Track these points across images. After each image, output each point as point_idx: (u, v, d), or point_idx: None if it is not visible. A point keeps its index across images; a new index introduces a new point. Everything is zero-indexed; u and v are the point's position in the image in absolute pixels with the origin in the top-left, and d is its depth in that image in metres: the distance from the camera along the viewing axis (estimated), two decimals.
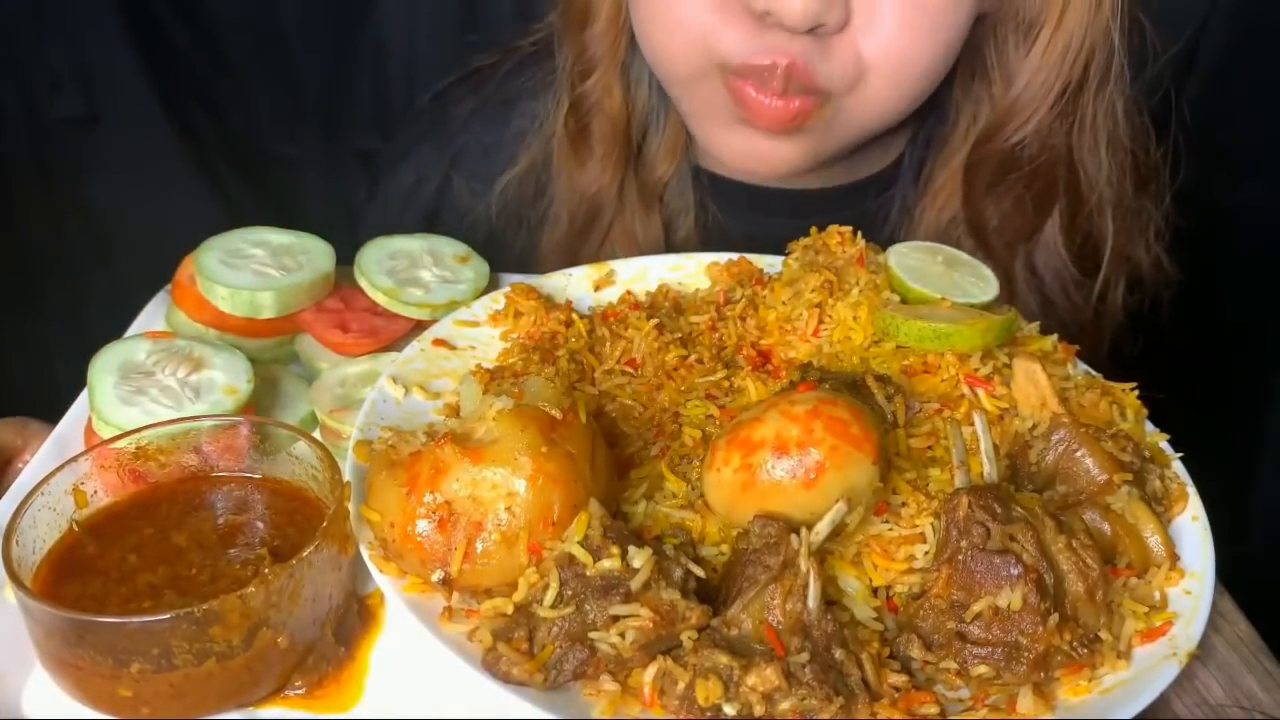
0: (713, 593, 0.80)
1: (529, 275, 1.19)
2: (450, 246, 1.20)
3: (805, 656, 0.73)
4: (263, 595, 0.73)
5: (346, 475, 0.85)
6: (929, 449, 0.93)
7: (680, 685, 0.73)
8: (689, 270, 1.20)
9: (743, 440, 0.83)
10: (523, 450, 0.79)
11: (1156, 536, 0.86)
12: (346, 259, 1.15)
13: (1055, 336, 1.03)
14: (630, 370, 1.04)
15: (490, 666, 0.74)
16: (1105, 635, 0.78)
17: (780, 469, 0.81)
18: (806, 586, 0.76)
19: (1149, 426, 0.98)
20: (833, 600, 0.81)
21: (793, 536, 0.79)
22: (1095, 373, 1.03)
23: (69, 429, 1.00)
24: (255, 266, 1.10)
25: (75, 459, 0.83)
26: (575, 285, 1.18)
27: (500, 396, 0.84)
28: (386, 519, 0.81)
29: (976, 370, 0.97)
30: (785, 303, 1.07)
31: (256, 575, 0.75)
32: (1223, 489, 0.98)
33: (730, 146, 1.29)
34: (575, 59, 1.37)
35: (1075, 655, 0.76)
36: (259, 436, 0.88)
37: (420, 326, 1.10)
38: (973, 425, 0.90)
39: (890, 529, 0.86)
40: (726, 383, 1.01)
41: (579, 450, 0.82)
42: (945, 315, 0.99)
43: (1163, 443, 0.97)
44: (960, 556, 0.79)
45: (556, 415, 0.82)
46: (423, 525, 0.79)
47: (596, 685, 0.75)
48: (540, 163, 1.44)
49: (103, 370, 0.97)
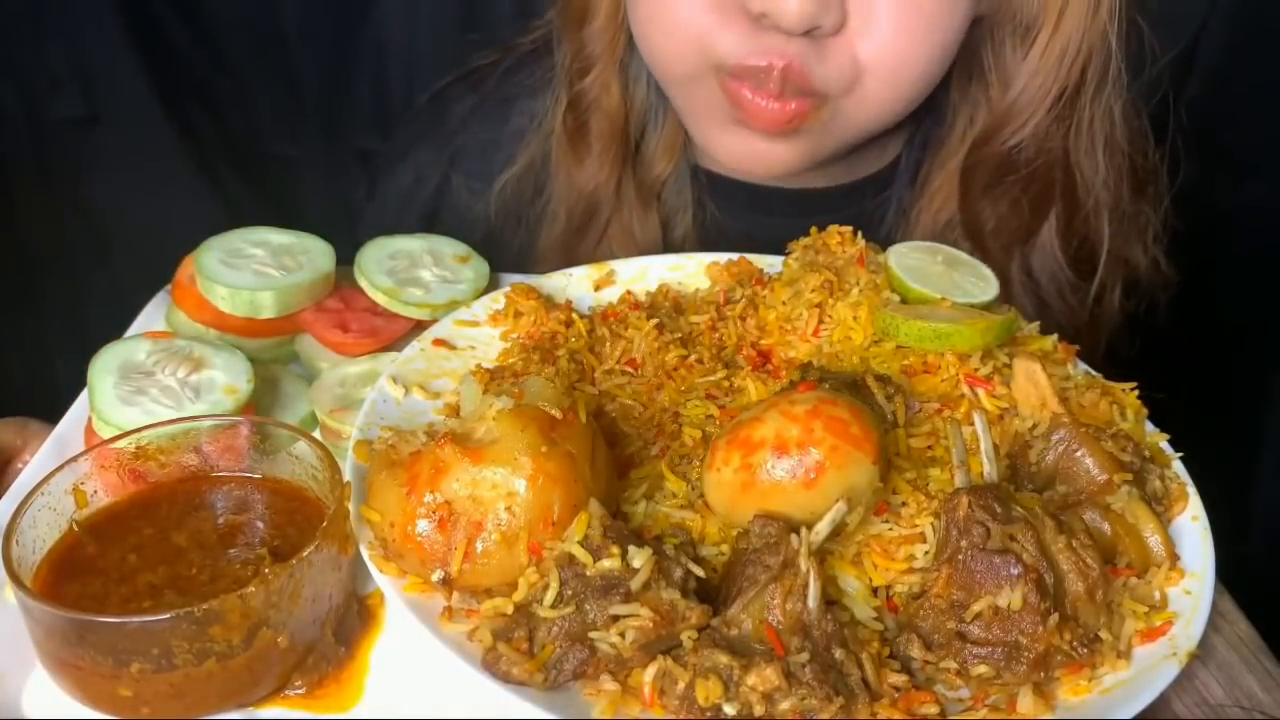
0: (713, 593, 0.80)
1: (529, 275, 1.19)
2: (450, 246, 1.20)
3: (805, 656, 0.73)
4: (263, 595, 0.73)
5: (346, 475, 0.85)
6: (929, 449, 0.93)
7: (680, 685, 0.73)
8: (689, 270, 1.20)
9: (743, 440, 0.83)
10: (523, 450, 0.79)
11: (1156, 536, 0.86)
12: (346, 259, 1.15)
13: (1055, 336, 1.03)
14: (630, 370, 1.04)
15: (490, 666, 0.74)
16: (1105, 635, 0.78)
17: (780, 469, 0.81)
18: (806, 586, 0.76)
19: (1149, 426, 0.98)
20: (833, 600, 0.81)
21: (793, 536, 0.79)
22: (1095, 373, 1.03)
23: (69, 429, 1.00)
24: (255, 266, 1.10)
25: (75, 459, 0.83)
26: (575, 285, 1.18)
27: (500, 396, 0.84)
28: (386, 519, 0.81)
29: (976, 370, 0.97)
30: (785, 303, 1.07)
31: (256, 575, 0.75)
32: (1223, 489, 0.98)
33: (726, 147, 1.29)
34: (574, 56, 1.36)
35: (1075, 655, 0.76)
36: (259, 436, 0.88)
37: (420, 326, 1.10)
38: (973, 425, 0.91)
39: (890, 529, 0.86)
40: (726, 383, 1.01)
41: (579, 450, 0.82)
42: (945, 315, 0.99)
43: (1163, 443, 0.97)
44: (960, 556, 0.79)
45: (556, 415, 0.82)
46: (423, 525, 0.79)
47: (596, 685, 0.75)
48: (539, 161, 1.44)
49: (103, 370, 0.97)
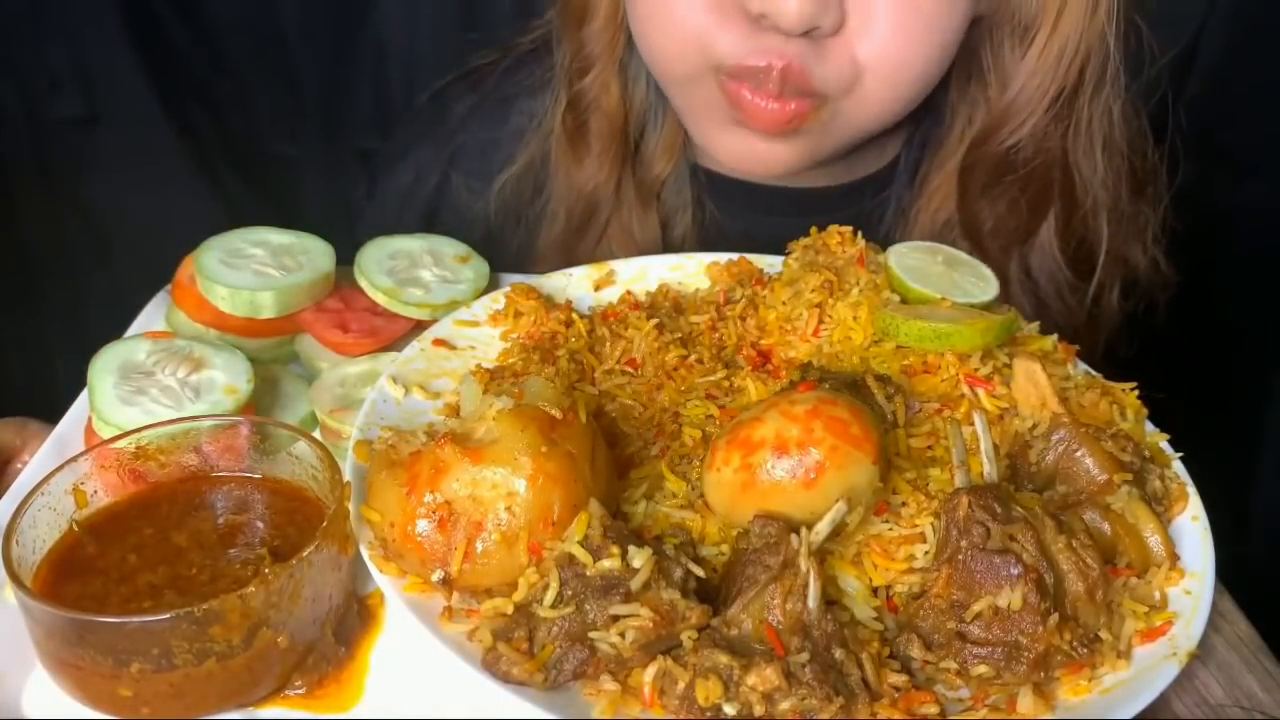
0: (713, 593, 0.80)
1: (529, 275, 1.19)
2: (450, 246, 1.20)
3: (805, 656, 0.73)
4: (263, 595, 0.73)
5: (346, 475, 0.85)
6: (929, 449, 0.93)
7: (680, 685, 0.73)
8: (689, 270, 1.20)
9: (743, 440, 0.83)
10: (523, 450, 0.79)
11: (1156, 536, 0.86)
12: (346, 259, 1.15)
13: (1055, 336, 1.03)
14: (630, 370, 1.04)
15: (490, 666, 0.74)
16: (1105, 635, 0.78)
17: (780, 469, 0.81)
18: (806, 586, 0.76)
19: (1149, 426, 0.98)
20: (833, 600, 0.81)
21: (793, 536, 0.79)
22: (1095, 373, 1.03)
23: (69, 429, 1.00)
24: (255, 266, 1.10)
25: (75, 459, 0.83)
26: (575, 285, 1.18)
27: (500, 396, 0.84)
28: (386, 519, 0.81)
29: (976, 370, 0.97)
30: (785, 303, 1.07)
31: (256, 575, 0.75)
32: (1223, 489, 0.98)
33: (726, 147, 1.29)
34: (573, 56, 1.36)
35: (1075, 655, 0.76)
36: (259, 436, 0.88)
37: (420, 326, 1.10)
38: (973, 425, 0.90)
39: (890, 529, 0.86)
40: (726, 383, 1.01)
41: (579, 450, 0.82)
42: (945, 315, 0.99)
43: (1163, 443, 0.97)
44: (960, 556, 0.79)
45: (556, 415, 0.82)
46: (423, 525, 0.79)
47: (596, 685, 0.75)
48: (538, 161, 1.44)
49: (103, 370, 0.97)
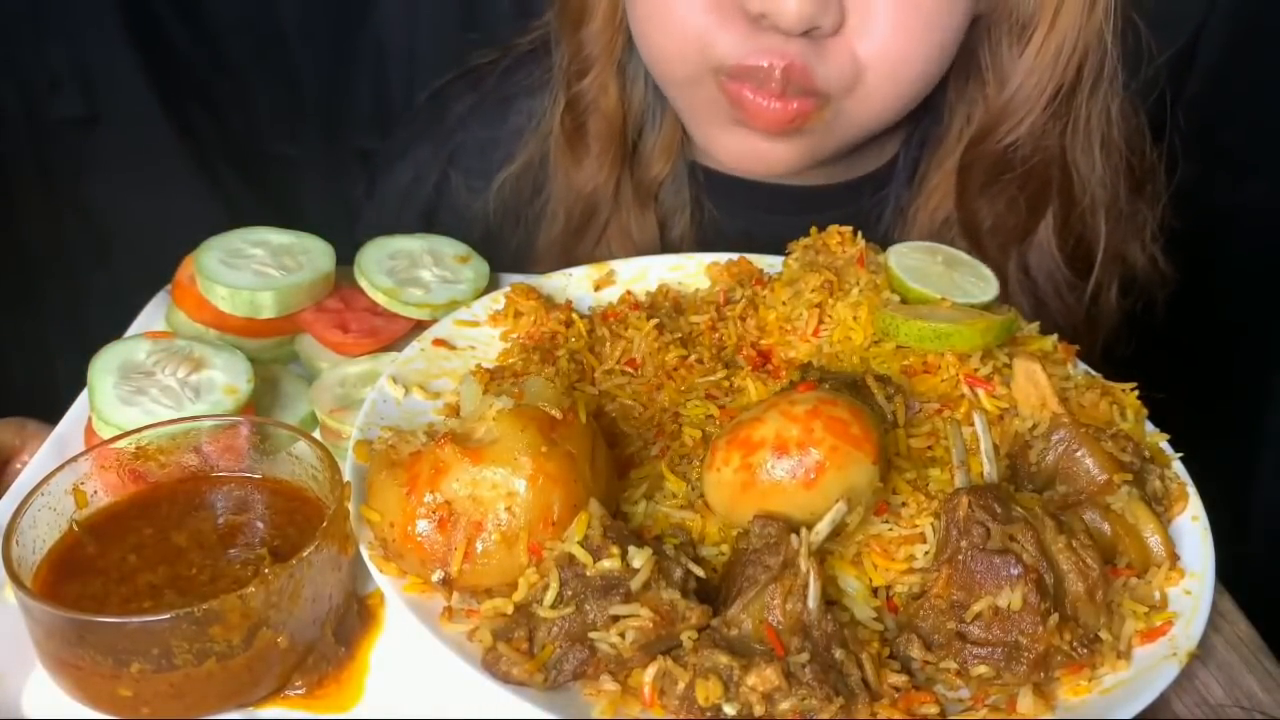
0: (713, 593, 0.80)
1: (529, 275, 1.19)
2: (450, 246, 1.20)
3: (805, 656, 0.73)
4: (263, 595, 0.73)
5: (346, 475, 0.85)
6: (929, 449, 0.93)
7: (680, 685, 0.73)
8: (689, 270, 1.20)
9: (743, 440, 0.83)
10: (523, 450, 0.79)
11: (1156, 536, 0.86)
12: (346, 259, 1.15)
13: (1055, 336, 1.03)
14: (630, 370, 1.04)
15: (490, 666, 0.74)
16: (1105, 635, 0.78)
17: (780, 469, 0.81)
18: (806, 586, 0.76)
19: (1149, 426, 0.98)
20: (833, 600, 0.81)
21: (793, 536, 0.79)
22: (1095, 373, 1.03)
23: (69, 429, 1.00)
24: (255, 266, 1.10)
25: (75, 459, 0.83)
26: (575, 285, 1.18)
27: (500, 396, 0.84)
28: (386, 519, 0.81)
29: (976, 370, 0.97)
30: (785, 303, 1.07)
31: (256, 575, 0.75)
32: (1223, 489, 0.98)
33: (728, 146, 1.29)
34: (571, 58, 1.37)
35: (1075, 655, 0.76)
36: (259, 436, 0.88)
37: (420, 326, 1.10)
38: (973, 425, 0.90)
39: (890, 529, 0.86)
40: (726, 383, 1.01)
41: (579, 450, 0.82)
42: (945, 315, 0.99)
43: (1163, 443, 0.97)
44: (960, 556, 0.79)
45: (556, 415, 0.82)
46: (423, 525, 0.79)
47: (596, 685, 0.75)
48: (538, 161, 1.44)
49: (103, 370, 0.97)
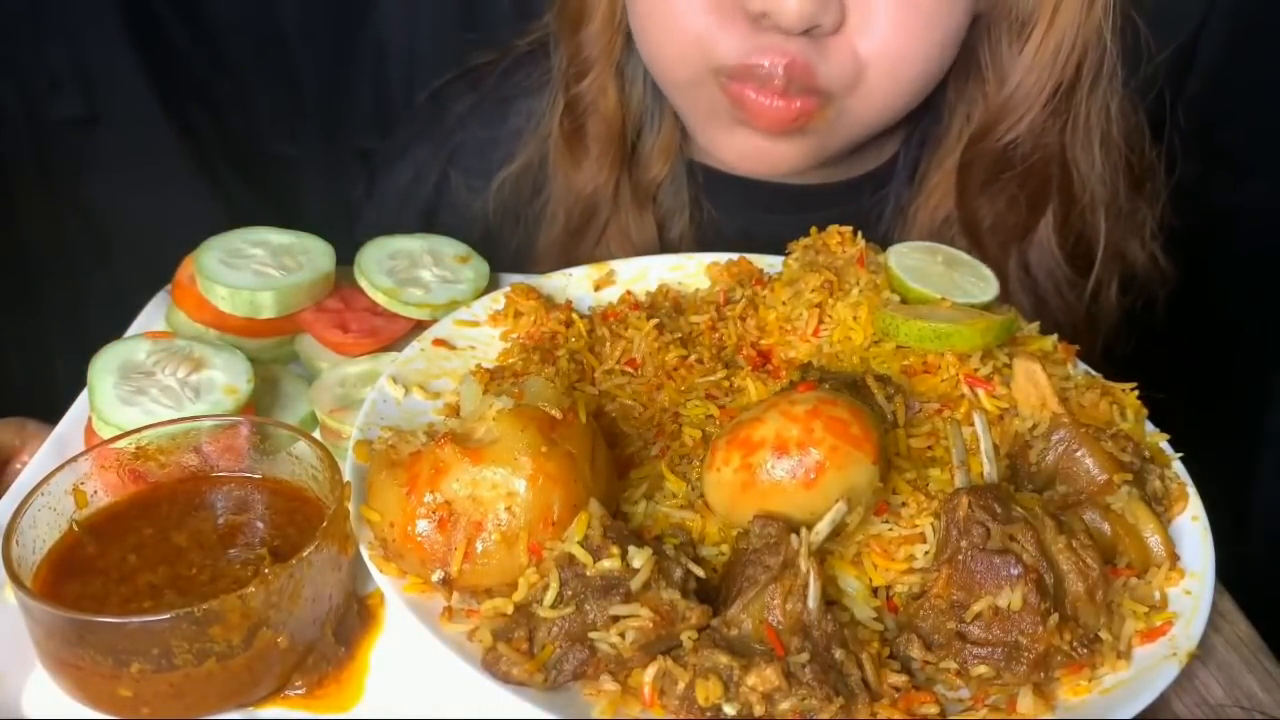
0: (713, 593, 0.80)
1: (529, 275, 1.19)
2: (450, 246, 1.20)
3: (805, 656, 0.73)
4: (263, 595, 0.73)
5: (346, 475, 0.85)
6: (929, 449, 0.93)
7: (680, 685, 0.73)
8: (689, 270, 1.20)
9: (743, 440, 0.83)
10: (523, 450, 0.79)
11: (1156, 536, 0.86)
12: (346, 259, 1.15)
13: (1055, 336, 1.03)
14: (630, 370, 1.04)
15: (490, 666, 0.74)
16: (1105, 635, 0.78)
17: (780, 469, 0.81)
18: (806, 586, 0.76)
19: (1149, 426, 0.98)
20: (833, 600, 0.81)
21: (793, 536, 0.79)
22: (1095, 373, 1.03)
23: (69, 429, 1.00)
24: (255, 266, 1.10)
25: (75, 459, 0.83)
26: (575, 285, 1.18)
27: (500, 396, 0.84)
28: (386, 519, 0.81)
29: (976, 370, 0.97)
30: (785, 303, 1.07)
31: (256, 575, 0.75)
32: (1223, 489, 0.98)
33: (731, 148, 1.29)
34: (570, 60, 1.37)
35: (1075, 655, 0.76)
36: (259, 436, 0.88)
37: (420, 326, 1.10)
38: (973, 425, 0.90)
39: (890, 529, 0.86)
40: (726, 383, 1.01)
41: (579, 450, 0.82)
42: (945, 315, 0.99)
43: (1163, 443, 0.97)
44: (960, 556, 0.79)
45: (556, 415, 0.82)
46: (423, 525, 0.79)
47: (596, 685, 0.75)
48: (537, 162, 1.44)
49: (103, 370, 0.97)
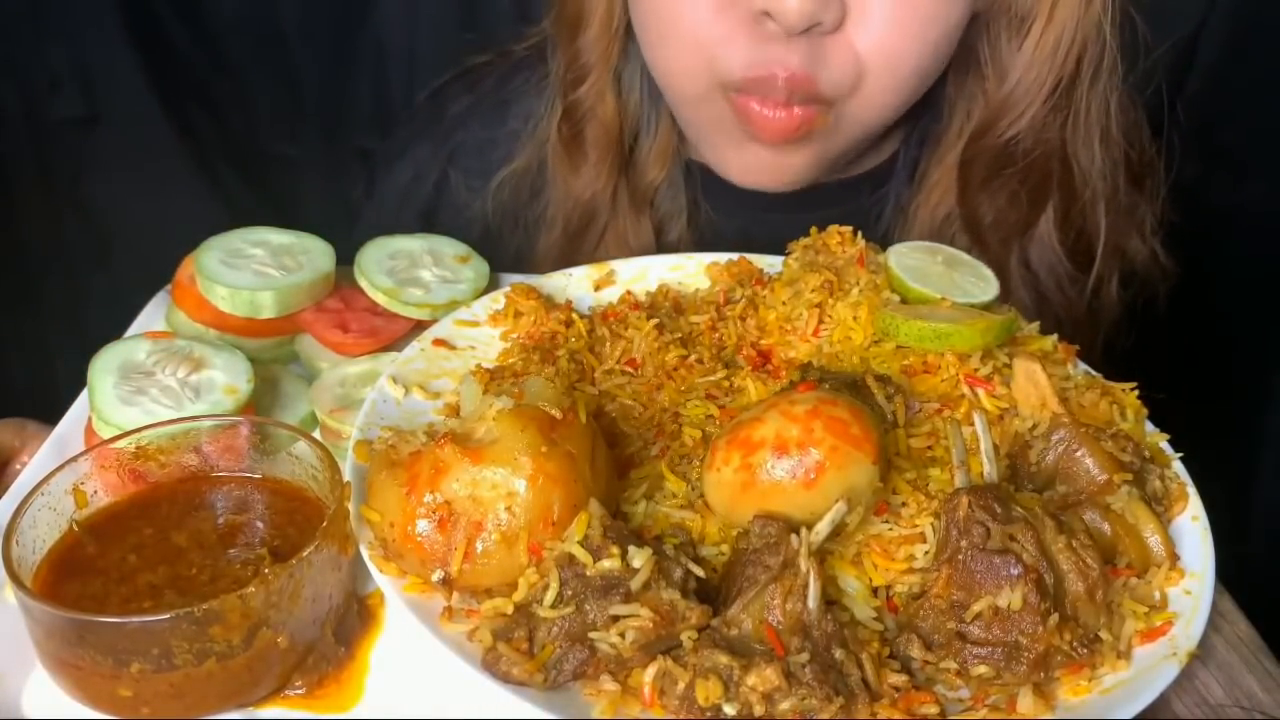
0: (713, 593, 0.80)
1: (529, 275, 1.19)
2: (450, 246, 1.20)
3: (805, 656, 0.73)
4: (263, 595, 0.73)
5: (346, 475, 0.85)
6: (929, 449, 0.93)
7: (680, 685, 0.73)
8: (689, 270, 1.20)
9: (743, 440, 0.83)
10: (523, 450, 0.79)
11: (1156, 536, 0.86)
12: (346, 259, 1.15)
13: (1055, 336, 1.03)
14: (630, 370, 1.04)
15: (490, 666, 0.74)
16: (1105, 635, 0.78)
17: (780, 469, 0.81)
18: (806, 586, 0.76)
19: (1149, 426, 0.98)
20: (833, 600, 0.81)
21: (793, 536, 0.79)
22: (1095, 373, 1.03)
23: (69, 429, 1.00)
24: (255, 266, 1.10)
25: (75, 459, 0.83)
26: (575, 285, 1.18)
27: (500, 396, 0.84)
28: (386, 519, 0.81)
29: (976, 370, 0.97)
30: (785, 303, 1.07)
31: (256, 575, 0.75)
32: (1223, 489, 0.98)
33: (740, 162, 1.31)
34: (568, 66, 1.37)
35: (1075, 655, 0.76)
36: (259, 436, 0.88)
37: (420, 326, 1.10)
38: (973, 425, 0.90)
39: (890, 529, 0.86)
40: (726, 383, 1.01)
41: (579, 450, 0.82)
42: (945, 315, 0.99)
43: (1163, 443, 0.97)
44: (960, 556, 0.79)
45: (556, 415, 0.82)
46: (423, 525, 0.79)
47: (596, 685, 0.75)
48: (535, 166, 1.45)
49: (103, 370, 0.97)
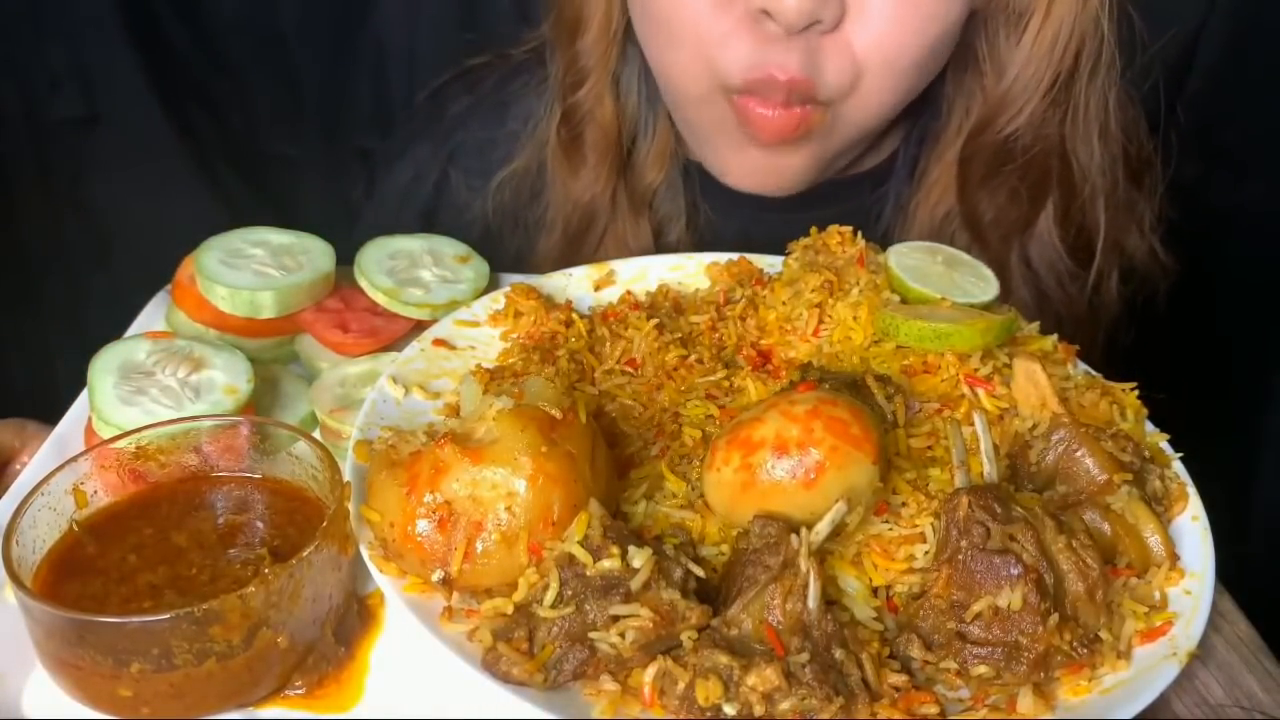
0: (713, 593, 0.80)
1: (529, 275, 1.19)
2: (450, 246, 1.20)
3: (805, 656, 0.73)
4: (263, 595, 0.73)
5: (346, 475, 0.85)
6: (929, 449, 0.93)
7: (680, 685, 0.73)
8: (689, 270, 1.20)
9: (743, 440, 0.83)
10: (523, 450, 0.79)
11: (1156, 536, 0.86)
12: (346, 259, 1.15)
13: (1055, 336, 1.03)
14: (630, 370, 1.04)
15: (490, 666, 0.74)
16: (1105, 635, 0.78)
17: (780, 469, 0.81)
18: (806, 586, 0.76)
19: (1149, 426, 0.98)
20: (833, 600, 0.81)
21: (793, 536, 0.79)
22: (1095, 373, 1.03)
23: (69, 429, 1.00)
24: (255, 266, 1.10)
25: (75, 459, 0.83)
26: (575, 285, 1.18)
27: (500, 396, 0.84)
28: (386, 519, 0.81)
29: (976, 370, 0.97)
30: (785, 303, 1.07)
31: (256, 575, 0.75)
32: (1223, 489, 0.98)
33: (740, 165, 1.31)
34: (567, 69, 1.38)
35: (1075, 655, 0.76)
36: (259, 436, 0.88)
37: (420, 326, 1.10)
38: (973, 425, 0.90)
39: (890, 529, 0.86)
40: (726, 383, 1.01)
41: (579, 450, 0.82)
42: (945, 315, 0.99)
43: (1163, 443, 0.97)
44: (960, 556, 0.79)
45: (556, 415, 0.82)
46: (423, 525, 0.79)
47: (596, 685, 0.75)
48: (534, 168, 1.45)
49: (103, 370, 0.97)
